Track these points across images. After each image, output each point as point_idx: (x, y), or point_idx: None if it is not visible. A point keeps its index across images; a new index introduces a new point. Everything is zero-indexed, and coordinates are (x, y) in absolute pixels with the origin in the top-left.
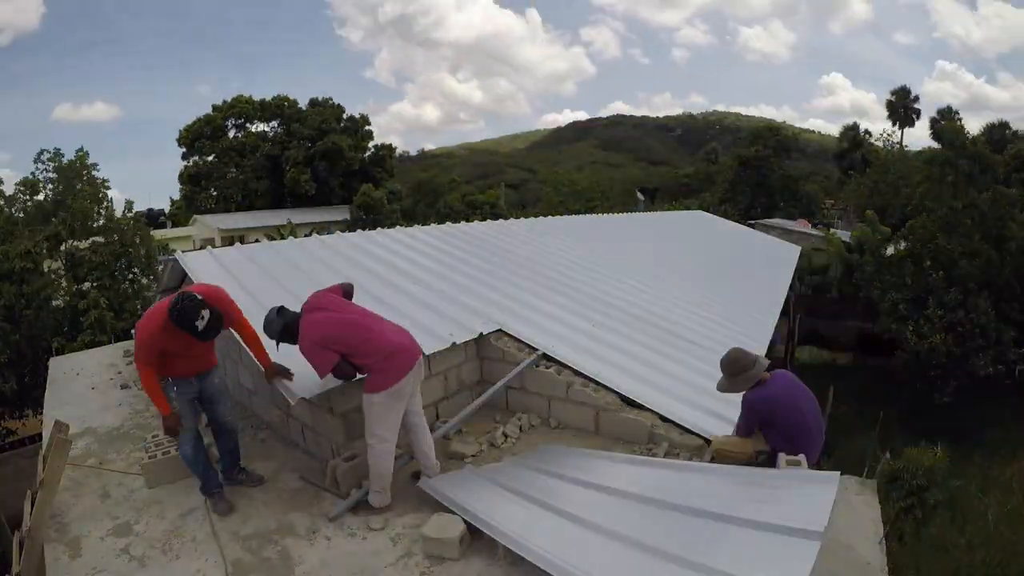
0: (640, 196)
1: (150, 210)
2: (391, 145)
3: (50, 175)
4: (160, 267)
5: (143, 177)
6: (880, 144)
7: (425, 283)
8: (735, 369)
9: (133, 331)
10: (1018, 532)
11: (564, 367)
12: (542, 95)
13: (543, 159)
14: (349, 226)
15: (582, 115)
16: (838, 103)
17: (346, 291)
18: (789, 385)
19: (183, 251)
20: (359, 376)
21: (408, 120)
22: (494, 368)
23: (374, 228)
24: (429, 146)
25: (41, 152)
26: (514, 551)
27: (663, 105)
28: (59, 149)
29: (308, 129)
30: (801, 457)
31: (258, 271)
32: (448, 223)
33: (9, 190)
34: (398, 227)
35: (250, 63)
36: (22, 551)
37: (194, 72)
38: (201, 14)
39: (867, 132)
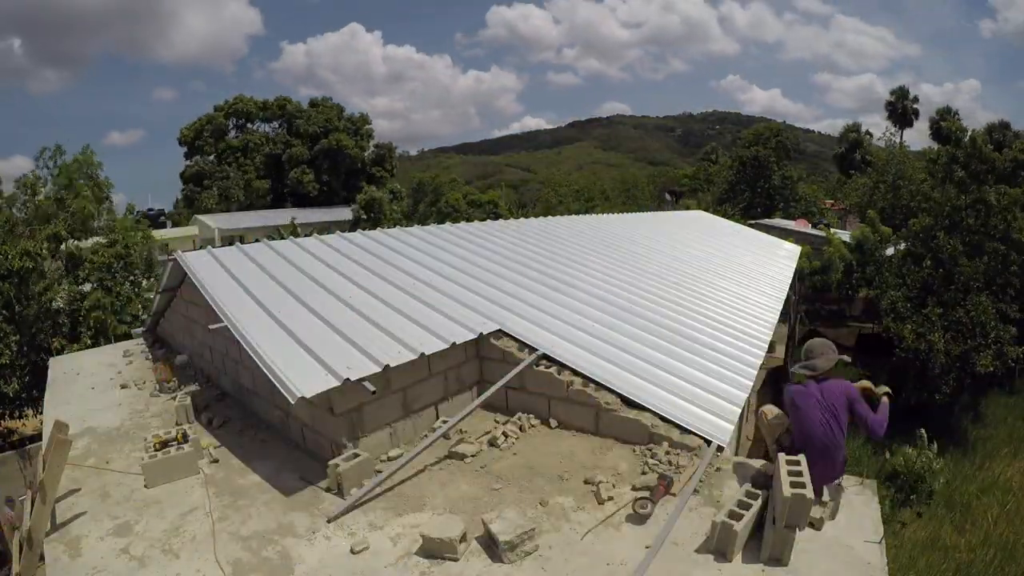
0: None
1: (150, 210)
2: (391, 144)
3: (51, 172)
4: (160, 268)
5: (143, 177)
6: (882, 143)
7: (426, 282)
8: (806, 355)
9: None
10: (1018, 532)
11: (564, 367)
12: (487, 114)
13: (543, 159)
14: (351, 226)
15: (530, 124)
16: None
17: None
18: (812, 396)
19: (183, 251)
20: None
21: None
22: (494, 368)
23: (375, 228)
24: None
25: (43, 150)
26: None
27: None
28: (60, 145)
29: (311, 127)
30: (801, 457)
31: (257, 270)
32: (449, 223)
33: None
34: (399, 227)
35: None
36: (22, 551)
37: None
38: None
39: (868, 133)
